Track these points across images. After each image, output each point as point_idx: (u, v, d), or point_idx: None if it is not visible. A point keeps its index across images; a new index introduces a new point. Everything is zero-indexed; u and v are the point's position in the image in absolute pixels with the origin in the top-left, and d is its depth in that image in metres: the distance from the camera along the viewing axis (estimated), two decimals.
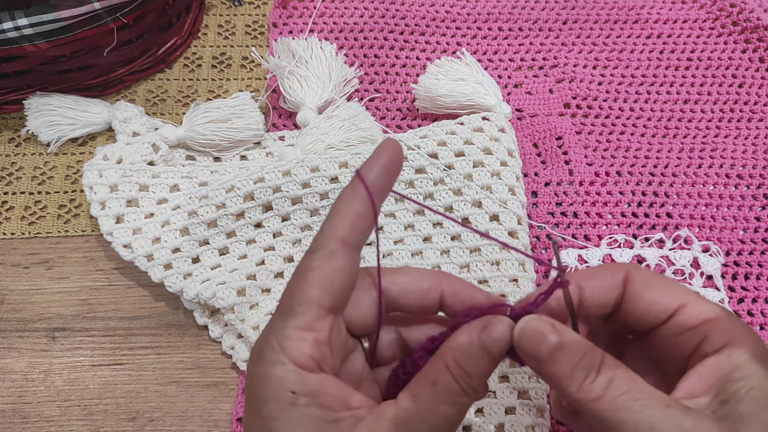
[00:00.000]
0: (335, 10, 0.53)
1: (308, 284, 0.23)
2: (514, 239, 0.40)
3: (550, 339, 0.23)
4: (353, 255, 0.24)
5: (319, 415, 0.22)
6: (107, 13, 0.43)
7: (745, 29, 0.51)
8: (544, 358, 0.23)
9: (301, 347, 0.23)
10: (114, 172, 0.41)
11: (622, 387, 0.23)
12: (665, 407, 0.22)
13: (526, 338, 0.24)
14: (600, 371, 0.23)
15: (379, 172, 0.25)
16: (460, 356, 0.24)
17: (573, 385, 0.23)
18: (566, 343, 0.23)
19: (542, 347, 0.23)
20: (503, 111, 0.44)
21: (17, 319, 0.41)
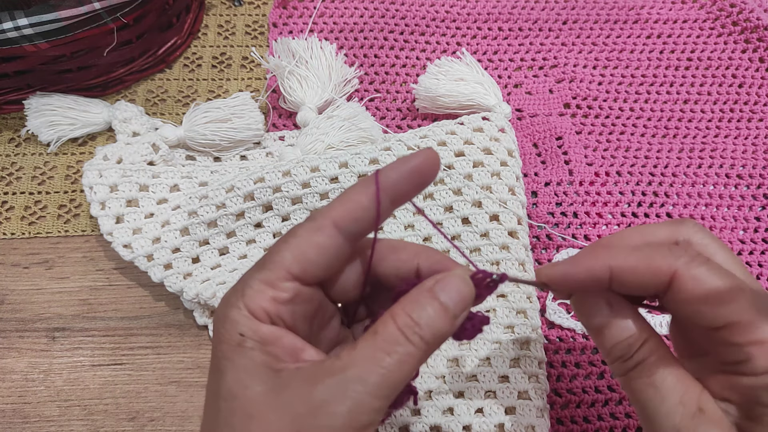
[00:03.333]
0: (335, 10, 0.53)
1: (285, 246, 0.24)
2: (514, 239, 0.40)
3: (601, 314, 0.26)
4: (339, 238, 0.24)
5: (264, 360, 0.23)
6: (107, 13, 0.43)
7: (745, 29, 0.51)
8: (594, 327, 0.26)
9: (258, 298, 0.23)
10: (114, 172, 0.41)
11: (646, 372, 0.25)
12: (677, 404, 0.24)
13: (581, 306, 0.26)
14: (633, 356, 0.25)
15: (401, 176, 0.25)
16: (408, 304, 0.23)
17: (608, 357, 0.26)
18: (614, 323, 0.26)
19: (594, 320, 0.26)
20: (503, 111, 0.44)
21: (17, 319, 0.41)
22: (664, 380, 0.24)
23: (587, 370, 0.39)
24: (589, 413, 0.38)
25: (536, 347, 0.37)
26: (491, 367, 0.37)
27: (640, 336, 0.25)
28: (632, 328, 0.25)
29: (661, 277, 0.24)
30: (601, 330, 0.26)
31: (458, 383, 0.37)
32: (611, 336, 0.25)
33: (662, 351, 0.25)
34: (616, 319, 0.25)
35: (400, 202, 0.25)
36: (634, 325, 0.25)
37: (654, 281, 0.24)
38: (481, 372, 0.37)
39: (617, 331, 0.25)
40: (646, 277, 0.24)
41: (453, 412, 0.36)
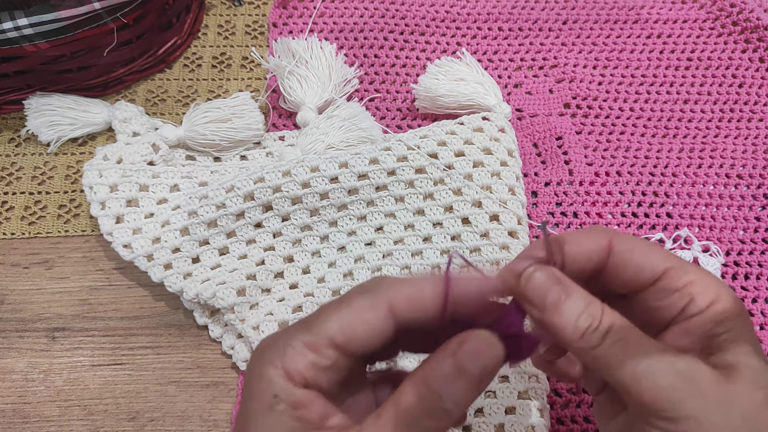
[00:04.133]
0: (335, 10, 0.53)
1: (335, 314, 0.23)
2: (514, 239, 0.40)
3: (555, 290, 0.24)
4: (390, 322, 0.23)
5: (292, 426, 0.22)
6: (107, 13, 0.43)
7: (745, 29, 0.51)
8: (549, 308, 0.24)
9: (298, 361, 0.23)
10: (114, 172, 0.41)
11: (620, 334, 0.24)
12: (660, 351, 0.24)
13: (531, 289, 0.25)
14: (601, 321, 0.24)
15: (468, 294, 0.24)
16: (429, 372, 0.23)
17: (575, 334, 0.24)
18: (570, 294, 0.25)
19: (548, 297, 0.24)
20: (503, 111, 0.44)
21: (17, 319, 0.41)
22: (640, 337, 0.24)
23: None
24: (589, 413, 0.38)
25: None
26: None
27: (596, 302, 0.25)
28: (587, 295, 0.25)
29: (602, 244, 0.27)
30: (558, 306, 0.24)
31: None
32: (572, 308, 0.24)
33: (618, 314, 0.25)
34: (570, 290, 0.25)
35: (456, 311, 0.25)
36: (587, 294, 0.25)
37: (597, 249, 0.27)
38: None
39: (575, 302, 0.24)
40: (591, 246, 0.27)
41: None
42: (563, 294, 0.25)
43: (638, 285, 0.27)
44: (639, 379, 0.23)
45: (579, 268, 0.27)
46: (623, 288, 0.27)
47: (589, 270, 0.27)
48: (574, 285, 0.25)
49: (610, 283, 0.27)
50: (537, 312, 0.25)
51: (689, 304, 0.25)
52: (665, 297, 0.26)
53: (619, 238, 0.27)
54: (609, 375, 0.24)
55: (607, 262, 0.27)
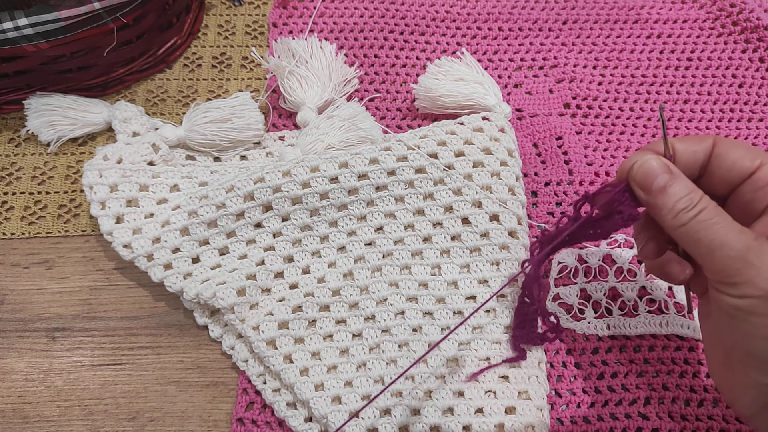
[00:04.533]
0: (335, 10, 0.53)
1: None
2: (514, 239, 0.40)
3: (663, 177, 0.29)
4: None
5: None
6: (107, 13, 0.43)
7: (745, 29, 0.51)
8: (655, 191, 0.30)
9: None
10: (114, 172, 0.41)
11: (707, 215, 0.28)
12: (739, 232, 0.28)
13: (642, 173, 0.30)
14: (696, 205, 0.29)
15: None
16: None
17: (671, 214, 0.29)
18: (675, 182, 0.29)
19: (656, 182, 0.29)
20: (503, 111, 0.44)
21: (17, 319, 0.41)
22: (725, 218, 0.28)
23: (587, 371, 0.39)
24: (589, 413, 0.38)
25: (536, 347, 0.37)
26: None
27: (697, 191, 0.29)
28: (690, 184, 0.29)
29: (707, 143, 0.31)
30: (664, 189, 0.29)
31: (458, 383, 0.37)
32: (675, 192, 0.29)
33: (715, 203, 0.29)
34: (677, 177, 0.30)
35: None
36: (691, 183, 0.30)
37: (703, 148, 0.31)
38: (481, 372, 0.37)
39: (680, 187, 0.29)
40: (698, 145, 0.31)
41: (453, 412, 0.36)
42: (671, 180, 0.29)
43: (735, 179, 0.31)
44: (713, 250, 0.28)
45: (688, 162, 0.31)
46: (723, 185, 0.31)
47: (696, 166, 0.32)
48: (680, 174, 0.30)
49: (712, 183, 0.32)
50: (644, 194, 0.30)
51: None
52: (759, 189, 0.30)
53: (722, 140, 0.32)
54: (692, 248, 0.29)
55: (710, 162, 0.31)
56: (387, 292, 0.39)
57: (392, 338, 0.38)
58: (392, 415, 0.36)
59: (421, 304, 0.39)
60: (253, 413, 0.38)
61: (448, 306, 0.39)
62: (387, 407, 0.36)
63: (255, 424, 0.38)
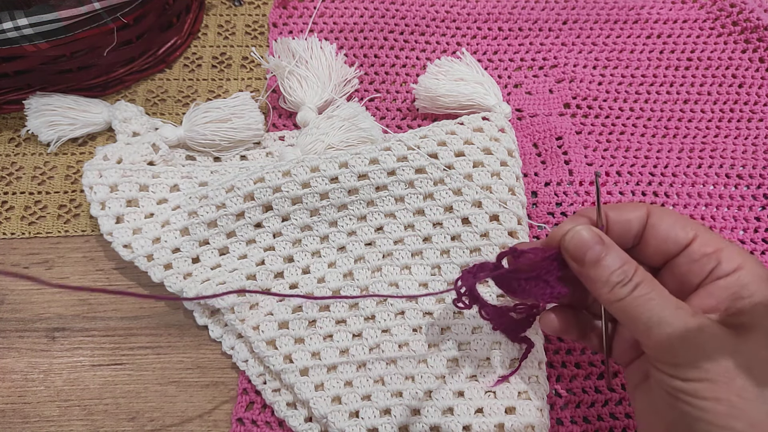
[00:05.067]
0: (335, 10, 0.53)
1: None
2: (514, 239, 0.40)
3: (595, 248, 0.29)
4: None
5: None
6: (107, 13, 0.43)
7: (745, 29, 0.51)
8: (588, 263, 0.29)
9: None
10: (114, 172, 0.41)
11: (644, 290, 0.28)
12: (676, 308, 0.27)
13: (574, 244, 0.29)
14: (632, 278, 0.28)
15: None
16: None
17: (606, 287, 0.28)
18: (608, 253, 0.29)
19: (588, 253, 0.29)
20: (503, 111, 0.44)
21: (17, 319, 0.41)
22: (662, 293, 0.28)
23: (587, 370, 0.39)
24: (589, 413, 0.38)
25: (536, 347, 0.37)
26: (491, 367, 0.37)
27: (632, 262, 0.29)
28: (624, 256, 0.29)
29: (641, 213, 0.31)
30: (598, 261, 0.28)
31: (458, 383, 0.37)
32: (609, 264, 0.28)
33: (650, 275, 0.29)
34: (610, 249, 0.29)
35: None
36: (624, 255, 0.29)
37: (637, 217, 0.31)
38: (481, 372, 0.37)
39: (614, 259, 0.28)
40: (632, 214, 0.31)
41: (453, 412, 0.36)
42: (603, 252, 0.29)
43: (670, 251, 0.30)
44: (651, 327, 0.27)
45: (621, 232, 0.31)
46: (658, 256, 0.31)
47: (630, 236, 0.31)
48: (614, 245, 0.29)
49: (647, 253, 0.31)
50: (576, 265, 0.29)
51: (716, 268, 0.29)
52: (694, 261, 0.29)
53: (655, 209, 0.31)
54: (628, 324, 0.28)
55: (644, 232, 0.31)
56: (387, 292, 0.39)
57: (392, 338, 0.38)
58: (392, 415, 0.36)
59: (421, 304, 0.39)
60: (253, 413, 0.38)
61: (448, 306, 0.39)
62: (387, 407, 0.36)
63: (255, 424, 0.38)
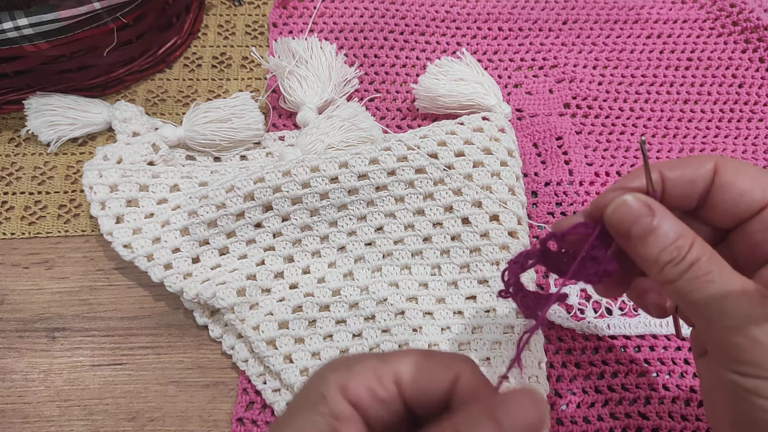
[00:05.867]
0: (335, 10, 0.53)
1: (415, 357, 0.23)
2: (514, 239, 0.40)
3: (643, 221, 0.24)
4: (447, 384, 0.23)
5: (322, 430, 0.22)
6: (107, 13, 0.43)
7: (745, 29, 0.51)
8: (635, 238, 0.24)
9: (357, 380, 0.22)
10: (114, 172, 0.41)
11: (701, 270, 0.23)
12: (740, 293, 0.22)
13: (619, 216, 0.24)
14: (685, 257, 0.23)
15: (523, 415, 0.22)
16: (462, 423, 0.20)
17: (655, 266, 0.24)
18: (659, 227, 0.24)
19: (634, 228, 0.24)
20: (503, 111, 0.44)
21: (17, 319, 0.41)
22: (722, 274, 0.23)
23: (587, 370, 0.39)
24: (589, 413, 0.38)
25: (536, 347, 0.37)
26: (491, 367, 0.37)
27: (687, 236, 0.24)
28: (679, 228, 0.24)
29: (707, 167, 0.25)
30: (645, 237, 0.24)
31: None
32: (660, 239, 0.23)
33: (709, 249, 0.24)
34: (662, 220, 0.24)
35: None
36: (680, 226, 0.24)
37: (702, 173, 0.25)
38: None
39: (665, 234, 0.23)
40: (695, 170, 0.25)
41: None
42: (652, 224, 0.24)
43: (742, 213, 0.25)
44: (710, 318, 0.23)
45: (682, 194, 0.26)
46: (727, 219, 0.26)
47: (694, 197, 0.26)
48: (667, 215, 0.24)
49: (713, 215, 0.26)
50: (623, 241, 0.25)
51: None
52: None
53: (726, 161, 0.25)
54: (687, 310, 0.24)
55: (711, 191, 0.26)
56: (387, 292, 0.39)
57: (392, 338, 0.38)
58: None
59: (421, 304, 0.39)
60: (253, 413, 0.38)
61: (448, 306, 0.39)
62: None
63: (255, 424, 0.38)
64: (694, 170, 0.26)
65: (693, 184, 0.26)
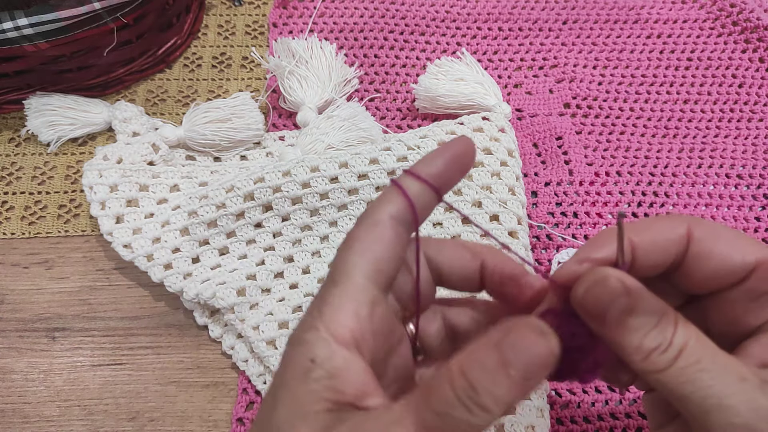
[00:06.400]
0: (335, 10, 0.53)
1: (350, 252, 0.21)
2: (514, 239, 0.40)
3: (618, 302, 0.20)
4: (400, 230, 0.22)
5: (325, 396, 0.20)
6: (107, 13, 0.43)
7: (745, 29, 0.51)
8: (611, 322, 0.20)
9: (340, 315, 0.20)
10: (114, 172, 0.41)
11: (691, 357, 0.20)
12: (739, 381, 0.20)
13: (591, 297, 0.21)
14: (672, 341, 0.20)
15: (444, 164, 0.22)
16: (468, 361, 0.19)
17: (639, 355, 0.20)
18: (637, 306, 0.20)
19: (611, 310, 0.20)
20: (503, 111, 0.44)
21: (17, 319, 0.41)
22: (715, 360, 0.20)
23: None
24: (589, 413, 0.38)
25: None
26: None
27: (670, 315, 0.21)
28: (660, 306, 0.21)
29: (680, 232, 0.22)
30: (622, 321, 0.20)
31: None
32: (639, 324, 0.20)
33: (695, 330, 0.21)
34: (639, 300, 0.20)
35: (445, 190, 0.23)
36: (660, 303, 0.21)
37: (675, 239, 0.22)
38: None
39: (647, 315, 0.20)
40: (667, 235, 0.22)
41: None
42: (629, 306, 0.20)
43: (722, 282, 0.22)
44: (708, 412, 0.20)
45: (653, 263, 0.23)
46: (703, 286, 0.23)
47: (665, 266, 0.23)
48: (644, 293, 0.21)
49: (687, 283, 0.23)
50: (598, 326, 0.21)
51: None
52: (755, 299, 0.22)
53: (699, 224, 0.23)
54: (676, 402, 0.21)
55: (686, 255, 0.23)
56: None
57: None
58: None
59: None
60: (253, 413, 0.38)
61: None
62: None
63: None
64: (665, 235, 0.23)
65: (665, 253, 0.23)
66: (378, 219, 0.22)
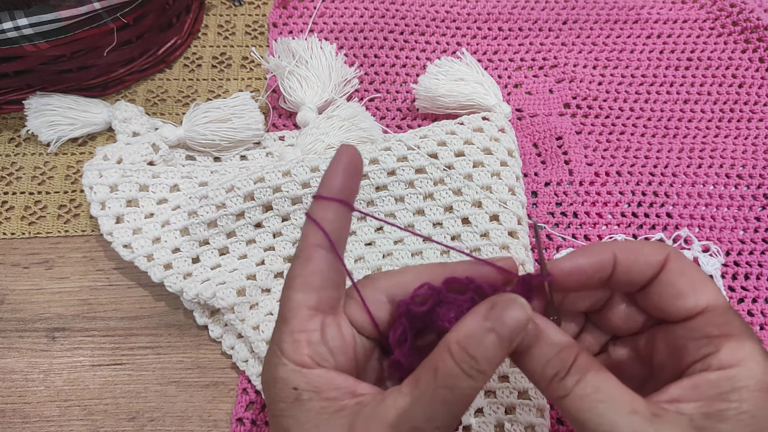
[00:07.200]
0: (335, 10, 0.53)
1: (291, 291, 0.25)
2: (514, 239, 0.40)
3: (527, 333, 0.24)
4: (329, 255, 0.25)
5: (323, 406, 0.23)
6: (107, 13, 0.43)
7: (745, 29, 0.51)
8: (519, 350, 0.24)
9: (297, 348, 0.24)
10: (114, 172, 0.41)
11: (589, 387, 0.23)
12: (629, 413, 0.22)
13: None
14: (570, 371, 0.23)
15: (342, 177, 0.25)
16: (463, 337, 0.23)
17: (542, 381, 0.24)
18: (541, 339, 0.24)
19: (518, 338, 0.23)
20: (503, 111, 0.44)
21: (17, 319, 0.41)
22: (613, 390, 0.23)
23: None
24: None
25: None
26: None
27: (572, 348, 0.24)
28: (563, 339, 0.24)
29: (658, 257, 0.25)
30: (528, 350, 0.24)
31: None
32: (542, 353, 0.24)
33: (596, 363, 0.24)
34: (543, 333, 0.24)
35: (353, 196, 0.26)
36: (564, 337, 0.24)
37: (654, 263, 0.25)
38: None
39: (547, 347, 0.24)
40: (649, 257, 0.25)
41: None
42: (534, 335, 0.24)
43: (672, 315, 0.25)
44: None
45: (628, 280, 0.26)
46: (657, 312, 0.26)
47: (637, 285, 0.26)
48: (551, 327, 0.24)
49: (646, 303, 0.26)
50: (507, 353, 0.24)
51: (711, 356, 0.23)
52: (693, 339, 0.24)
53: (676, 258, 0.25)
54: (577, 427, 0.23)
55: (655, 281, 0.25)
56: None
57: None
58: None
59: None
60: (253, 413, 0.38)
61: None
62: None
63: (255, 424, 0.38)
64: (646, 258, 0.25)
65: (641, 274, 0.25)
66: (308, 255, 0.25)
